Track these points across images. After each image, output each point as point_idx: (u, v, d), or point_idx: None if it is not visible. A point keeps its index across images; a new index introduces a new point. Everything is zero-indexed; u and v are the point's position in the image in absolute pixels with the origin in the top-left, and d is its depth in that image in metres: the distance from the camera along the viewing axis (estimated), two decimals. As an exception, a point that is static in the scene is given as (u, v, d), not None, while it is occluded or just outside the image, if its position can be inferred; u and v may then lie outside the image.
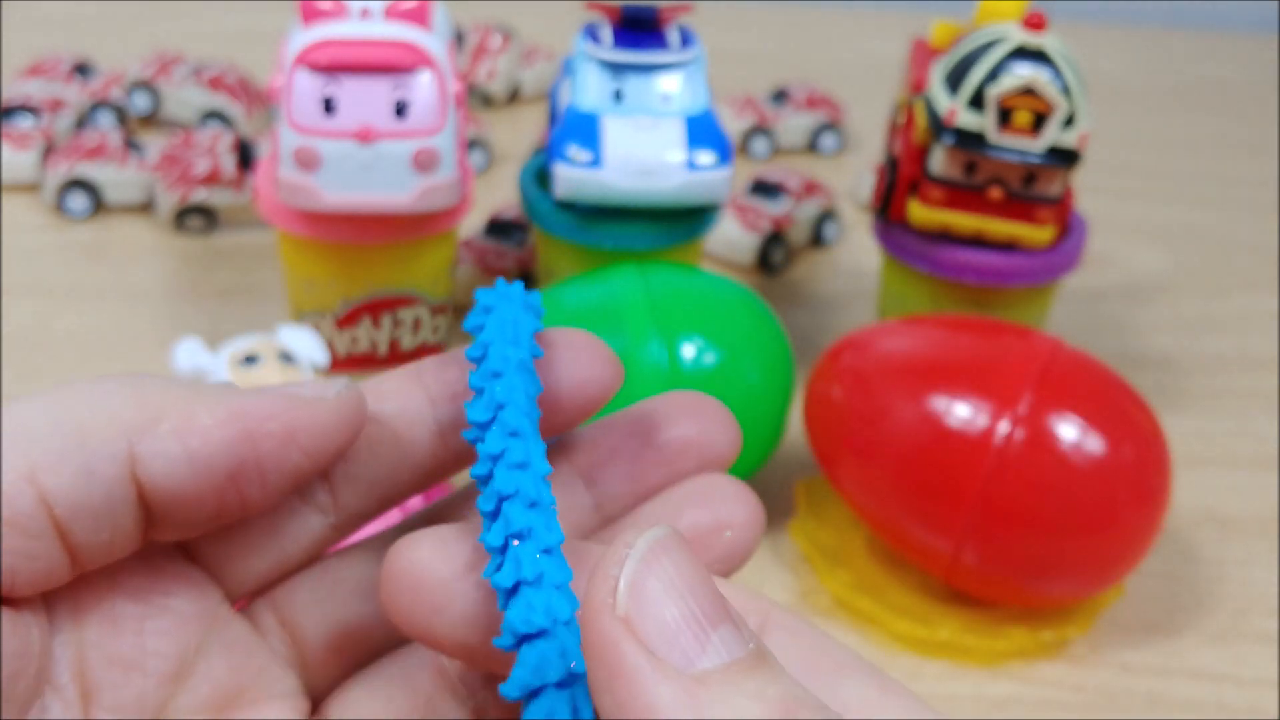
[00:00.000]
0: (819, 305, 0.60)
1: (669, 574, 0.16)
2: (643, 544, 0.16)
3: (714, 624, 0.16)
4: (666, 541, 0.17)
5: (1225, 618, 0.43)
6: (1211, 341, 0.60)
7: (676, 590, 0.16)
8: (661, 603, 0.16)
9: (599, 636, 0.16)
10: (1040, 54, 0.45)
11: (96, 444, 0.19)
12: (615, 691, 0.16)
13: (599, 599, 0.16)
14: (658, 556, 0.16)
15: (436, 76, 0.45)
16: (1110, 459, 0.39)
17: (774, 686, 0.16)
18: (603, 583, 0.16)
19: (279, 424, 0.20)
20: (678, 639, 0.16)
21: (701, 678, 0.15)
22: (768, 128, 0.73)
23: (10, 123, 0.66)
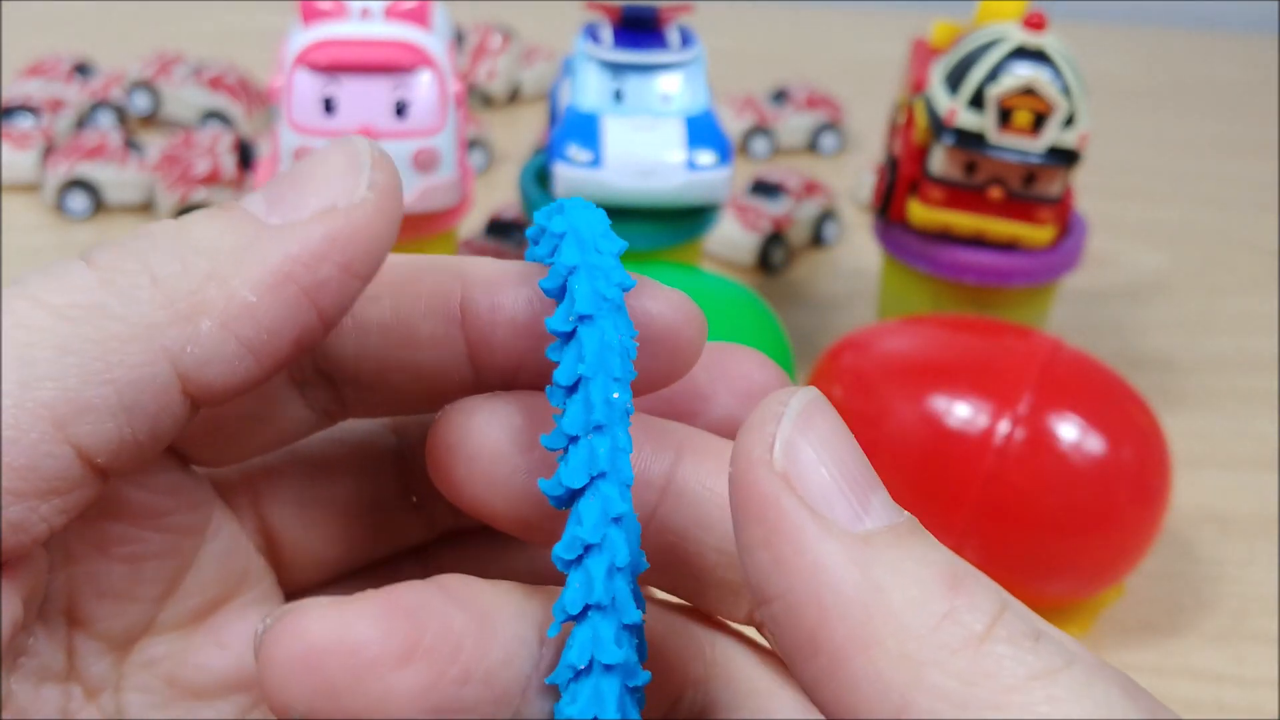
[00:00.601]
0: (819, 305, 0.60)
1: (824, 435, 0.16)
2: (797, 403, 0.16)
3: (870, 489, 0.16)
4: (819, 403, 0.16)
5: (1225, 618, 0.43)
6: (1211, 341, 0.60)
7: (833, 452, 0.15)
8: (819, 462, 0.15)
9: (755, 492, 0.15)
10: (1040, 54, 0.45)
11: (131, 394, 0.16)
12: (775, 548, 0.15)
13: (755, 454, 0.15)
14: (812, 417, 0.16)
15: (436, 76, 0.45)
16: (1110, 459, 0.39)
17: (937, 553, 0.15)
18: (758, 438, 0.15)
19: (333, 263, 0.17)
20: (839, 499, 0.15)
21: (866, 537, 0.15)
22: (768, 128, 0.73)
23: (10, 123, 0.66)
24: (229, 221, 0.17)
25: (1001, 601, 0.15)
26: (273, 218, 0.17)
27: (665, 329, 0.19)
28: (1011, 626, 0.14)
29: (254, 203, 0.18)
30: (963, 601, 0.15)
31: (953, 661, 0.14)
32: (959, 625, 0.14)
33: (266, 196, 0.18)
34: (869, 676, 0.14)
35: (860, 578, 0.15)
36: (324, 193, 0.17)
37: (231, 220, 0.17)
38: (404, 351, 0.19)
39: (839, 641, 0.14)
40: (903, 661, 0.14)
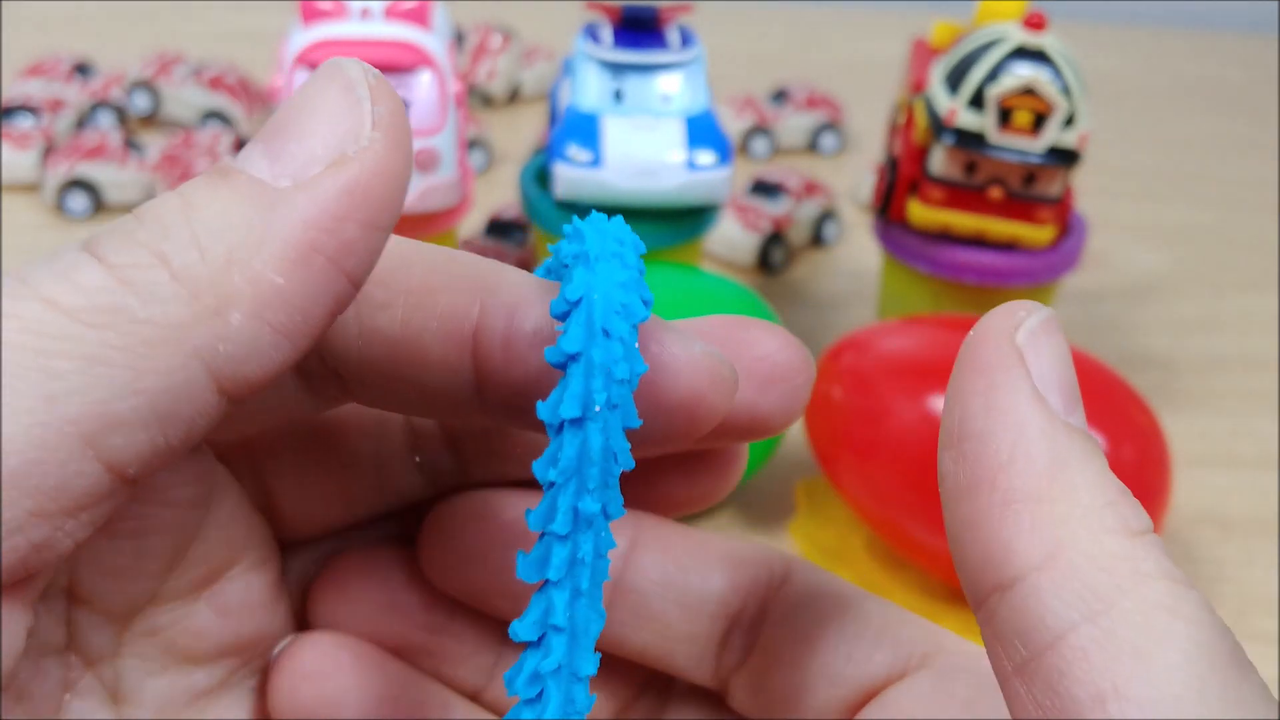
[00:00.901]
0: (819, 305, 0.60)
1: (1056, 346, 0.17)
2: (1042, 312, 0.18)
3: (1077, 403, 0.17)
4: (1056, 323, 0.18)
5: (1225, 618, 0.43)
6: (1211, 341, 0.60)
7: (1061, 360, 0.17)
8: (1050, 358, 0.17)
9: (991, 351, 0.17)
10: (1040, 54, 0.45)
11: (165, 402, 0.15)
12: (992, 396, 0.17)
13: (1003, 325, 0.17)
14: (1051, 328, 0.17)
15: (436, 76, 0.45)
16: (1110, 459, 0.39)
17: (1111, 476, 0.16)
18: (1009, 316, 0.17)
19: (356, 222, 0.16)
20: (1056, 391, 0.17)
21: (1068, 426, 0.16)
22: (768, 128, 0.73)
23: (10, 123, 0.66)
24: (235, 192, 0.16)
25: (1153, 526, 0.16)
26: (281, 178, 0.16)
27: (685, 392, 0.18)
28: (1159, 542, 0.16)
29: (253, 161, 0.16)
30: (1128, 504, 0.16)
31: (1107, 538, 0.15)
32: (1120, 516, 0.16)
33: (267, 151, 0.16)
34: (1034, 518, 0.16)
35: (1053, 446, 0.16)
36: (328, 138, 0.16)
37: (238, 190, 0.16)
38: (410, 369, 0.19)
39: (1018, 484, 0.16)
40: (1067, 519, 0.16)
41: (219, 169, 0.16)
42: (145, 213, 0.16)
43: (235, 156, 0.16)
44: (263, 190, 0.16)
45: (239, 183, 0.16)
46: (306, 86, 0.17)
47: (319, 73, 0.17)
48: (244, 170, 0.16)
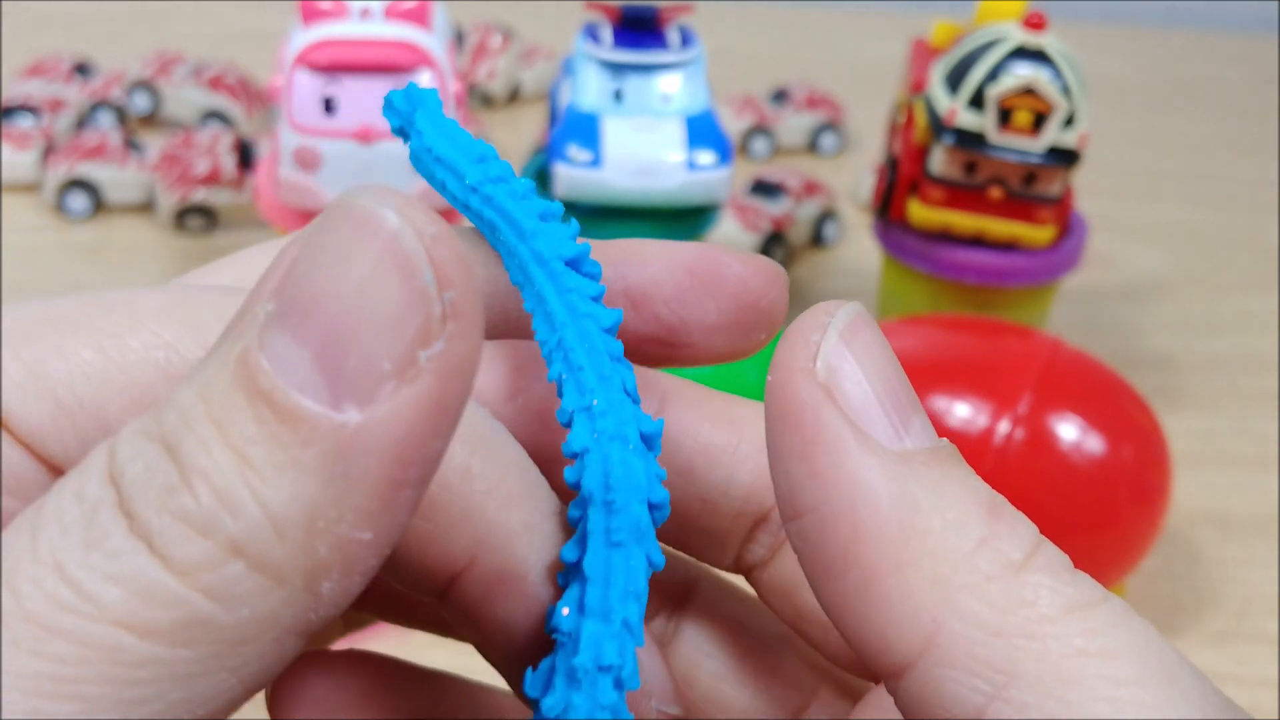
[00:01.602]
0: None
1: (869, 350, 0.15)
2: (844, 315, 0.15)
3: (912, 409, 0.15)
4: (865, 318, 0.15)
5: (1225, 618, 0.43)
6: (1211, 341, 0.60)
7: (877, 367, 0.15)
8: (862, 377, 0.15)
9: (794, 401, 0.15)
10: (1040, 54, 0.45)
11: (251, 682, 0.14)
12: (811, 459, 0.14)
13: (797, 362, 0.15)
14: (858, 330, 0.15)
15: (436, 76, 0.45)
16: (1110, 459, 0.39)
17: (976, 481, 0.15)
18: (801, 347, 0.15)
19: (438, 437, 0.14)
20: (880, 415, 0.15)
21: (906, 456, 0.14)
22: (768, 128, 0.73)
23: (10, 123, 0.66)
24: (301, 445, 0.13)
25: (1039, 535, 0.14)
26: (345, 408, 0.13)
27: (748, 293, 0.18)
28: (1049, 558, 0.14)
29: (306, 382, 0.13)
30: (1002, 528, 0.14)
31: (988, 588, 0.14)
32: (996, 552, 0.14)
33: (320, 368, 0.13)
34: (900, 596, 0.14)
35: (898, 495, 0.14)
36: (394, 346, 0.13)
37: (303, 441, 0.13)
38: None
39: (872, 559, 0.14)
40: (936, 584, 0.14)
41: (268, 398, 0.13)
42: (192, 470, 0.13)
43: (274, 361, 0.13)
44: (330, 435, 0.13)
45: (302, 430, 0.13)
46: (353, 267, 0.13)
47: (363, 246, 0.13)
48: (299, 405, 0.13)
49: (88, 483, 0.13)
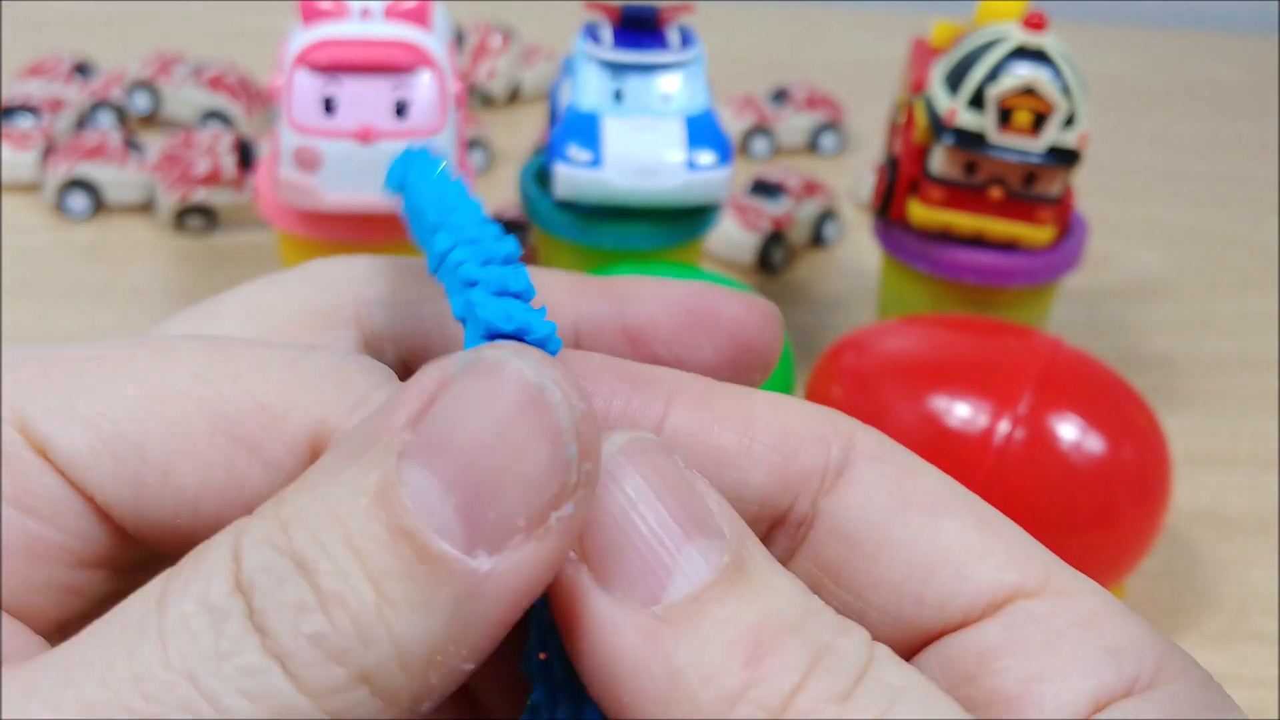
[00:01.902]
0: (819, 305, 0.60)
1: (628, 494, 0.15)
2: (601, 464, 0.15)
3: (681, 544, 0.14)
4: (617, 459, 0.15)
5: (1225, 618, 0.43)
6: (1211, 341, 0.60)
7: (636, 513, 0.15)
8: (619, 531, 0.14)
9: (556, 582, 0.15)
10: (1040, 54, 0.45)
11: None
12: (575, 641, 0.14)
13: None
14: (611, 479, 0.15)
15: (436, 76, 0.45)
16: (1110, 459, 0.39)
17: (749, 610, 0.14)
18: None
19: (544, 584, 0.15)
20: (639, 573, 0.14)
21: (666, 616, 0.14)
22: (768, 128, 0.73)
23: (10, 123, 0.66)
24: (436, 584, 0.14)
25: (814, 654, 0.14)
26: (478, 554, 0.14)
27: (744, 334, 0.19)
28: (821, 685, 0.14)
29: (445, 523, 0.14)
30: (764, 667, 0.14)
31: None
32: (752, 704, 0.14)
33: (462, 516, 0.14)
34: None
35: (658, 665, 0.14)
36: (532, 504, 0.14)
37: (439, 582, 0.14)
38: None
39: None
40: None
41: (410, 537, 0.14)
42: (330, 595, 0.13)
43: (416, 500, 0.14)
44: (463, 579, 0.14)
45: (439, 572, 0.14)
46: (508, 429, 0.14)
47: (519, 410, 0.14)
48: (440, 549, 0.14)
49: (213, 589, 0.14)
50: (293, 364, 0.16)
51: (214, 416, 0.16)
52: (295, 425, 0.16)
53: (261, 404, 0.16)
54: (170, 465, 0.16)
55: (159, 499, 0.16)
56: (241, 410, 0.16)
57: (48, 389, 0.16)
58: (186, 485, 0.16)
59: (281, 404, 0.16)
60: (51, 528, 0.16)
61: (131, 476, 0.16)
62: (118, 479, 0.16)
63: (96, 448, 0.15)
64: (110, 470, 0.16)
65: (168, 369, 0.16)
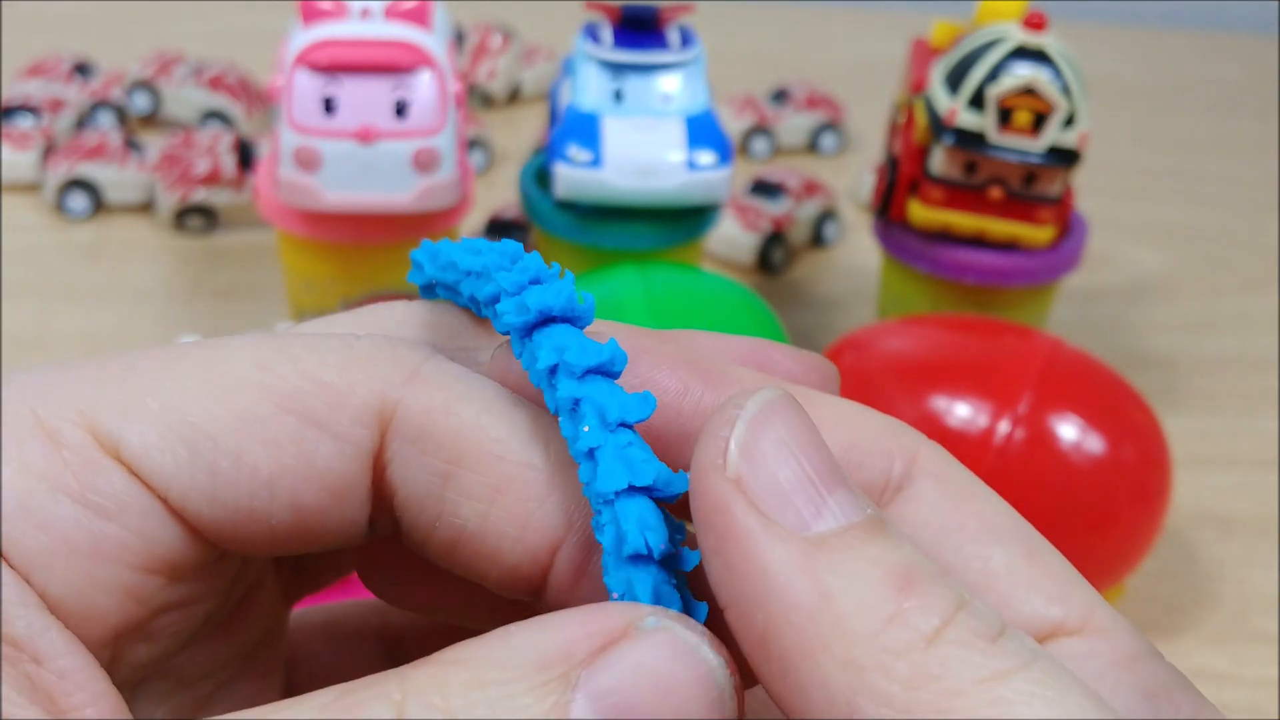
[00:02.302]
0: (819, 305, 0.60)
1: (781, 435, 0.15)
2: (753, 405, 0.15)
3: (830, 488, 0.15)
4: (778, 402, 0.15)
5: (1225, 618, 0.43)
6: (1211, 341, 0.60)
7: (790, 452, 0.15)
8: (774, 465, 0.15)
9: (708, 499, 0.15)
10: (1040, 54, 0.45)
11: None
12: (725, 554, 0.15)
13: (707, 460, 0.15)
14: (769, 417, 0.15)
15: (436, 76, 0.45)
16: (1110, 459, 0.39)
17: (894, 553, 0.15)
18: (711, 444, 0.15)
19: None
20: (792, 501, 0.15)
21: (817, 541, 0.14)
22: (768, 128, 0.73)
23: (10, 123, 0.66)
24: None
25: (958, 600, 0.14)
26: None
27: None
28: (966, 626, 0.14)
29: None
30: (913, 603, 0.14)
31: (896, 665, 0.14)
32: (905, 628, 0.14)
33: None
34: (815, 683, 0.14)
35: (807, 583, 0.14)
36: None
37: None
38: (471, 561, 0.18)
39: (786, 648, 0.14)
40: (847, 667, 0.14)
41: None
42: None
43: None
44: None
45: None
46: (676, 701, 0.15)
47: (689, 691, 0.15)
48: None
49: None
50: (346, 346, 0.17)
51: (280, 398, 0.16)
52: (359, 399, 0.17)
53: (323, 382, 0.17)
54: (242, 449, 0.16)
55: (234, 483, 0.16)
56: (305, 390, 0.16)
57: (111, 388, 0.16)
58: (260, 466, 0.16)
59: (343, 380, 0.17)
60: (119, 527, 0.16)
61: (206, 464, 0.16)
62: (193, 468, 0.16)
63: (169, 440, 0.16)
64: (185, 460, 0.16)
65: (226, 360, 0.17)
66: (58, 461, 0.16)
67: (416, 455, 0.17)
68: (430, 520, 0.17)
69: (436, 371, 0.17)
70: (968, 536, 0.17)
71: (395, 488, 0.17)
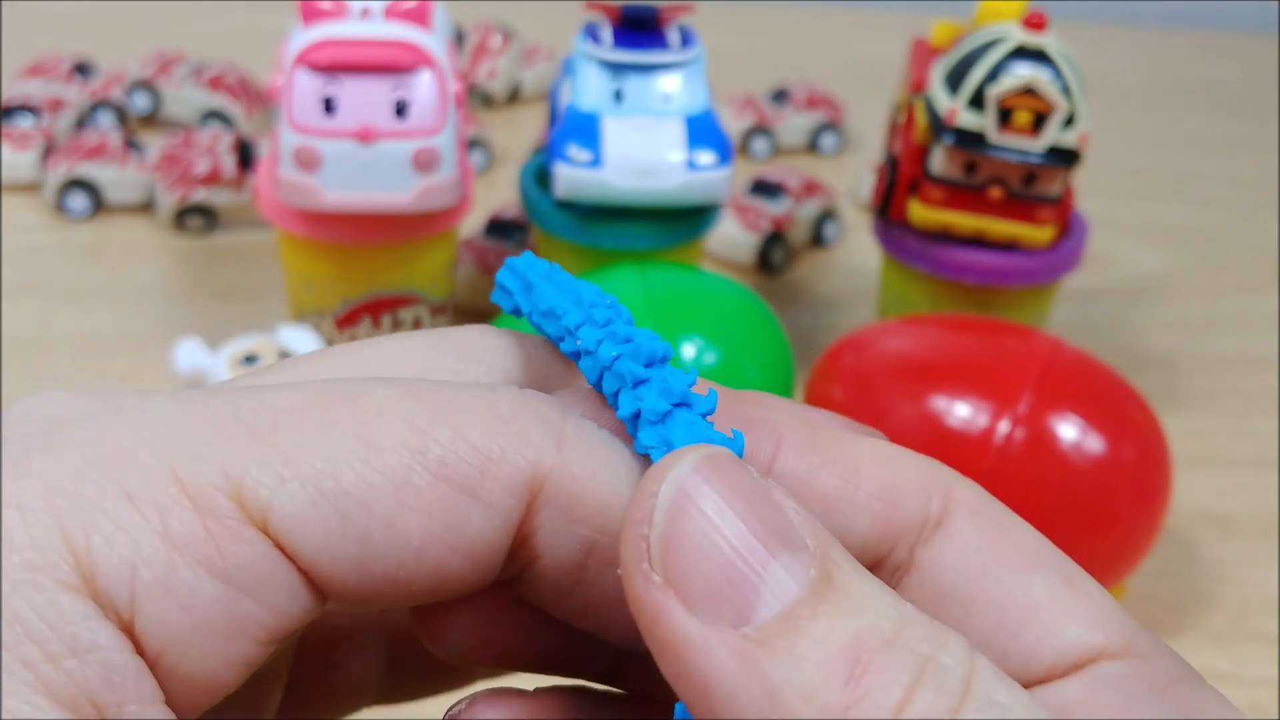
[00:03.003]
0: (819, 305, 0.60)
1: (707, 514, 0.14)
2: (668, 488, 0.15)
3: (772, 553, 0.14)
4: (693, 475, 0.15)
5: (1225, 618, 0.43)
6: (1211, 341, 0.60)
7: (716, 534, 0.14)
8: (702, 555, 0.14)
9: (640, 609, 0.14)
10: (1040, 54, 0.45)
11: None
12: (668, 665, 0.14)
13: (632, 565, 0.14)
14: (689, 498, 0.15)
15: (436, 76, 0.45)
16: (1110, 459, 0.39)
17: (843, 622, 0.14)
18: (634, 545, 0.14)
19: None
20: (725, 595, 0.14)
21: (758, 636, 0.14)
22: (768, 128, 0.73)
23: (10, 123, 0.66)
24: None
25: (918, 665, 0.14)
26: None
27: None
28: (927, 698, 0.14)
29: None
30: (866, 684, 0.14)
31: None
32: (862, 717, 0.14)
33: None
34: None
35: (752, 686, 0.14)
36: None
37: None
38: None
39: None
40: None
41: None
42: None
43: None
44: None
45: None
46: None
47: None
48: None
49: None
50: (490, 406, 0.16)
51: (435, 464, 0.16)
52: (512, 468, 0.16)
53: (479, 449, 0.16)
54: (395, 517, 0.15)
55: (385, 552, 0.15)
56: (460, 457, 0.16)
57: (259, 448, 0.15)
58: (412, 535, 0.15)
59: (497, 448, 0.16)
60: (256, 602, 0.15)
61: (358, 534, 0.15)
62: (343, 538, 0.15)
63: (320, 508, 0.15)
64: (336, 529, 0.15)
65: (379, 419, 0.16)
66: (201, 532, 0.15)
67: (566, 525, 0.16)
68: (570, 583, 0.17)
69: (579, 436, 0.17)
70: (1008, 568, 0.17)
71: (539, 554, 0.17)
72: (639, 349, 0.17)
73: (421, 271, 0.50)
